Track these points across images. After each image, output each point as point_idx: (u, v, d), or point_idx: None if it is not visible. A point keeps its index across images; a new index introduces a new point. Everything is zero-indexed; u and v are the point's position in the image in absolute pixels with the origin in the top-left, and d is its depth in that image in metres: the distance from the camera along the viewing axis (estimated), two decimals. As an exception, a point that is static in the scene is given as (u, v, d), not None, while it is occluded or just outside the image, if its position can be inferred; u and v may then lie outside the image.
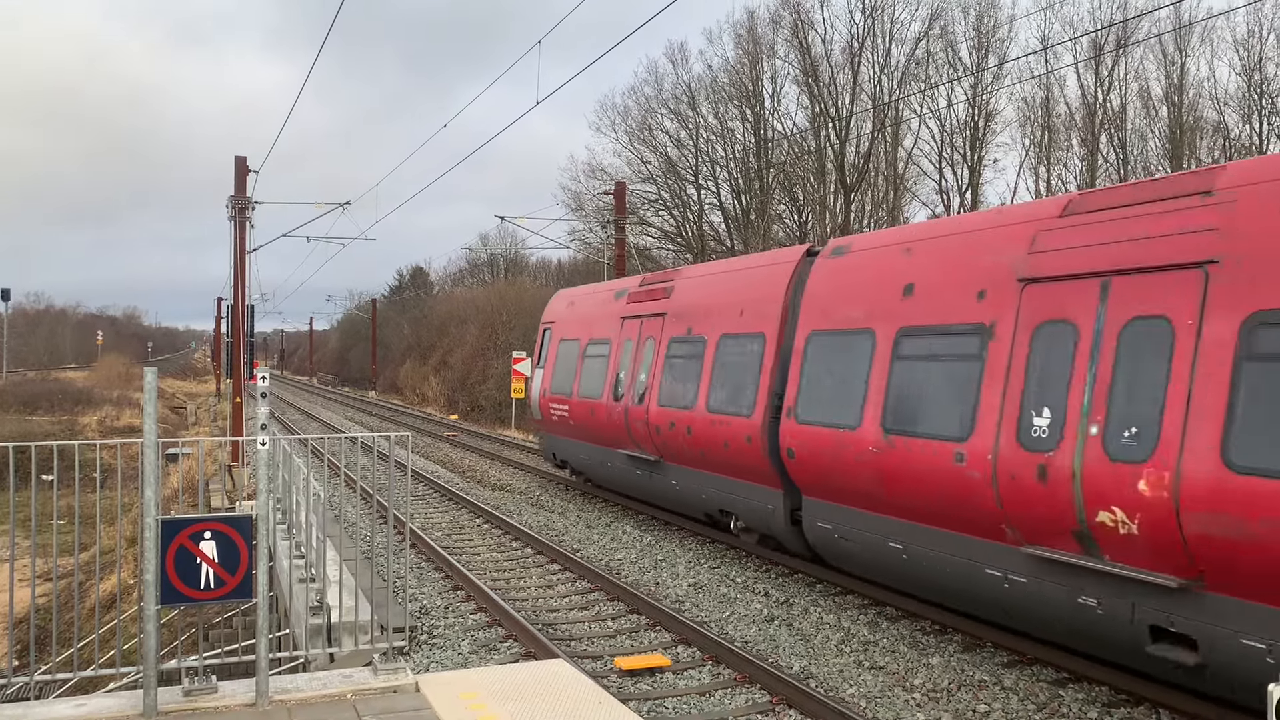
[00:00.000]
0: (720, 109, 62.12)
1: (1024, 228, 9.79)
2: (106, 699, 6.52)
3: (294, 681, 6.77)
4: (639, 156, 64.10)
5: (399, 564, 11.39)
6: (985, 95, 58.72)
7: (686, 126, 62.84)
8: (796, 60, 59.84)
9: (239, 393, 28.17)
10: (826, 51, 59.03)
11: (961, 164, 60.58)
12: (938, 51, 59.41)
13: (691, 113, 62.66)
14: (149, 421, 6.04)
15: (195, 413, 53.72)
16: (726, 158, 63.08)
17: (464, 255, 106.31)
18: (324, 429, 40.31)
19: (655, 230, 65.55)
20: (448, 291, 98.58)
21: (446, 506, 20.36)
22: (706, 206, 64.01)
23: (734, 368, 14.48)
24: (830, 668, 9.83)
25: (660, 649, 10.60)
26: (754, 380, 13.87)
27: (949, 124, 60.03)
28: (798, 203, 63.27)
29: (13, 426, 55.59)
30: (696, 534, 17.07)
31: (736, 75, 61.42)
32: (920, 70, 59.00)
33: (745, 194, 62.18)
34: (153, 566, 5.98)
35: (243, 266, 27.55)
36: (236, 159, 27.22)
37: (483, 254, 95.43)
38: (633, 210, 52.65)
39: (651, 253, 62.82)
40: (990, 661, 10.05)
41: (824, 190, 59.89)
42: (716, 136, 62.77)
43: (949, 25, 59.18)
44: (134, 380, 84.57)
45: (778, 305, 13.85)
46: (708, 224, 64.42)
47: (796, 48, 59.54)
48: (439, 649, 10.78)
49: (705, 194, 63.73)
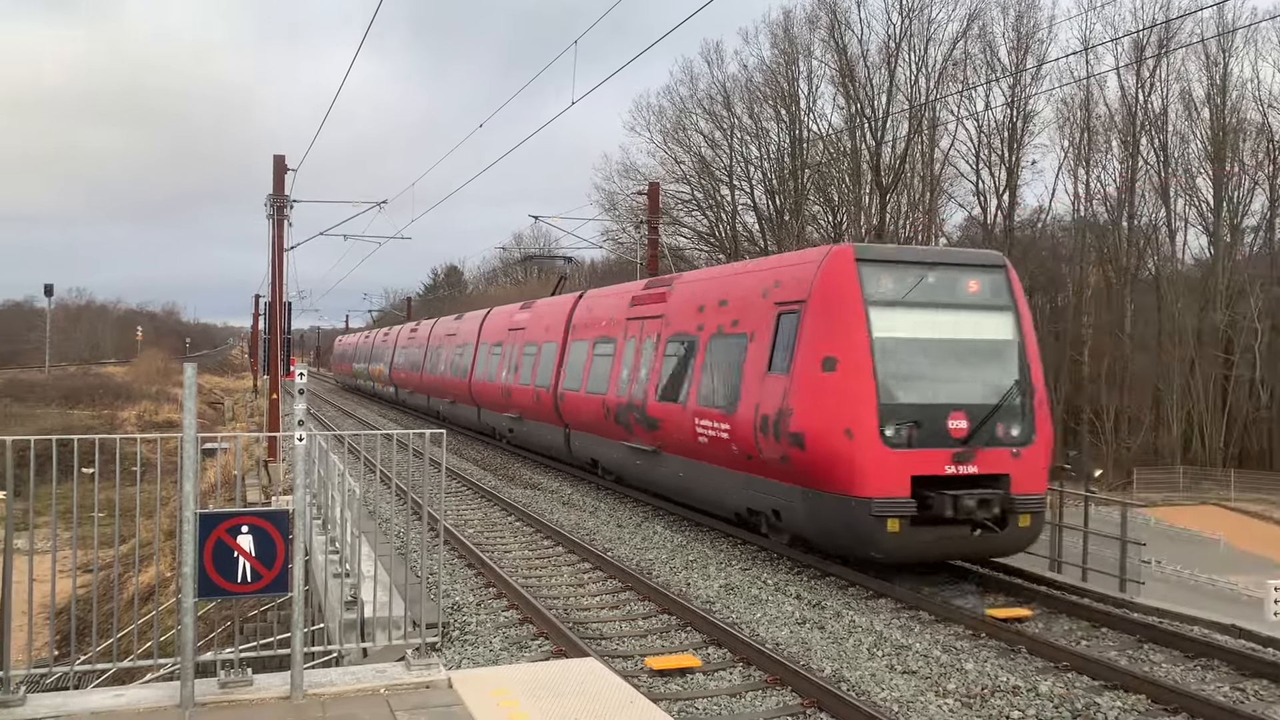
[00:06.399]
0: (755, 109, 62.04)
1: (631, 292, 21.56)
2: (144, 689, 6.60)
3: (328, 675, 6.81)
4: (673, 156, 64.15)
5: (433, 560, 11.45)
6: (1024, 96, 58.15)
7: (721, 126, 62.77)
8: (832, 60, 59.63)
9: (275, 389, 28.45)
10: (863, 51, 58.80)
11: (999, 165, 60.05)
12: (976, 52, 59.01)
13: (726, 113, 62.58)
14: (188, 416, 6.10)
15: (232, 408, 54.35)
16: (761, 158, 62.96)
17: (498, 254, 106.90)
18: (359, 426, 40.64)
19: (688, 230, 65.52)
20: (481, 290, 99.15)
21: (479, 504, 20.45)
22: (740, 207, 63.93)
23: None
24: (862, 671, 9.76)
25: (691, 649, 10.58)
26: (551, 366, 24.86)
27: (986, 125, 59.52)
28: (832, 203, 62.99)
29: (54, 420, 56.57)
30: (728, 535, 17.03)
31: (772, 75, 61.30)
32: (958, 71, 58.59)
33: (779, 194, 61.98)
34: (191, 560, 6.03)
35: (280, 264, 27.83)
36: (275, 158, 27.48)
37: (516, 253, 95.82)
38: (666, 210, 52.61)
39: (685, 253, 62.79)
40: (1026, 667, 9.95)
41: (859, 191, 59.57)
42: (751, 136, 62.67)
43: (988, 26, 58.73)
44: (172, 376, 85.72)
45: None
46: (741, 224, 64.32)
47: (833, 48, 59.33)
48: (471, 645, 10.82)
49: (739, 194, 63.65)
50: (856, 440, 12.65)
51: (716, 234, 64.83)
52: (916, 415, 12.86)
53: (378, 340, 56.73)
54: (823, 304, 13.55)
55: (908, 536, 12.51)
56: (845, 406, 12.87)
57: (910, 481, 12.62)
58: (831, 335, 13.31)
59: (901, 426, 12.75)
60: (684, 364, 17.23)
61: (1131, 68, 56.82)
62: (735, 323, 15.72)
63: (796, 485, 13.65)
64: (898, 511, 12.45)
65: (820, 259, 14.02)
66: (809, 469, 13.22)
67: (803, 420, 13.24)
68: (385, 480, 19.67)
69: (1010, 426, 13.27)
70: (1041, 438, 13.49)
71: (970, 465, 12.98)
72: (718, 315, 16.41)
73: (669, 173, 63.07)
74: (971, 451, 12.97)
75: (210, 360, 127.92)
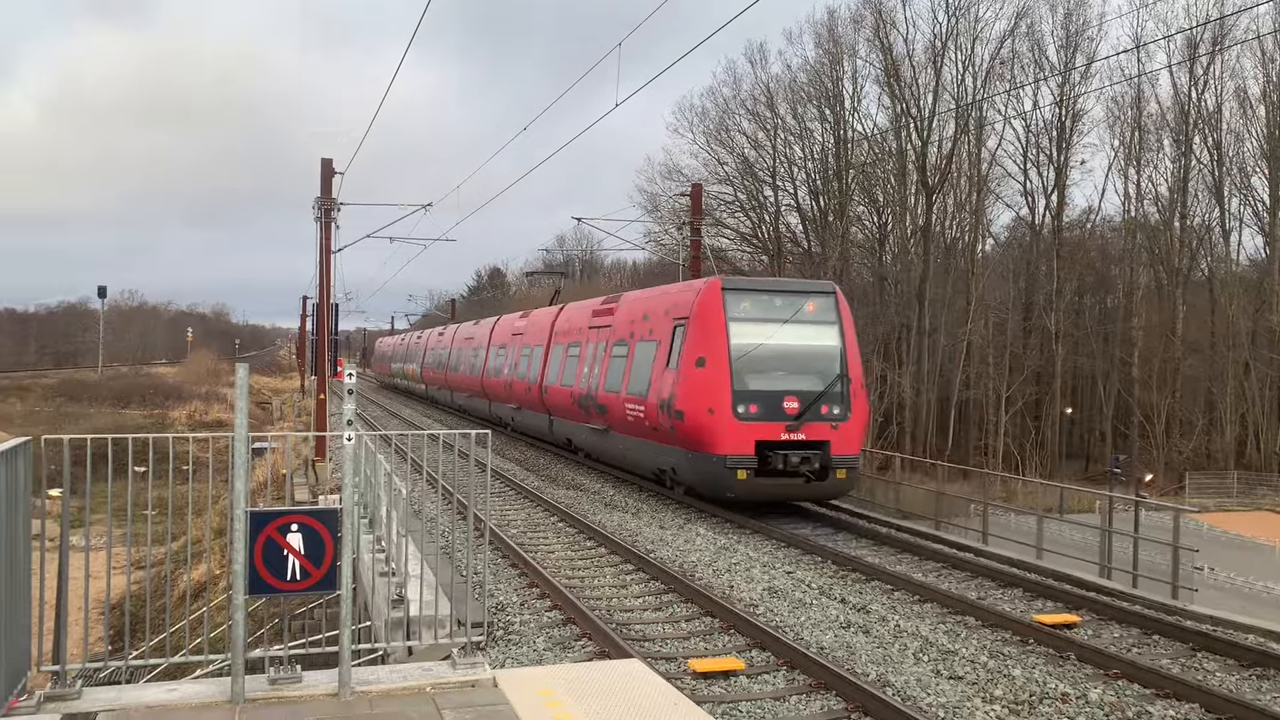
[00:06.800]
0: (799, 109, 61.68)
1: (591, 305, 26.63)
2: (196, 685, 6.70)
3: (375, 673, 6.88)
4: (716, 158, 63.95)
5: (477, 560, 11.53)
6: (1073, 95, 57.31)
7: (764, 127, 62.48)
8: (878, 60, 59.17)
9: (323, 389, 28.78)
10: (909, 51, 58.27)
11: (1048, 165, 59.22)
12: (1024, 51, 58.21)
13: (770, 113, 62.29)
14: (240, 416, 6.18)
15: (280, 408, 55.07)
16: (805, 158, 62.59)
17: (540, 256, 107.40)
18: (404, 426, 41.00)
19: (731, 232, 65.31)
20: (524, 292, 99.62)
21: (522, 504, 20.55)
22: (784, 208, 63.60)
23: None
24: (908, 676, 9.67)
25: (734, 652, 10.55)
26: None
27: (1034, 124, 58.71)
28: (877, 204, 62.49)
29: (107, 419, 57.70)
30: (771, 538, 16.97)
31: (816, 75, 60.92)
32: (1005, 70, 57.84)
33: (823, 195, 61.60)
34: (241, 557, 6.11)
35: (328, 266, 28.15)
36: (322, 161, 27.79)
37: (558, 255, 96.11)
38: (708, 212, 52.50)
39: (727, 254, 62.62)
40: (1075, 674, 9.80)
41: (904, 192, 59.07)
42: (795, 137, 62.33)
43: (1036, 24, 57.94)
44: (221, 376, 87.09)
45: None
46: (784, 225, 63.99)
47: (878, 47, 58.87)
48: (515, 645, 10.87)
49: (782, 195, 63.33)
50: (716, 415, 17.83)
51: (759, 235, 64.57)
52: (760, 399, 17.94)
53: (411, 342, 63.56)
54: (698, 320, 18.68)
55: (752, 483, 17.65)
56: (709, 392, 18.01)
57: (755, 445, 17.66)
58: (702, 342, 18.44)
59: (748, 406, 17.85)
60: (622, 362, 22.17)
61: (1184, 65, 55.78)
62: (650, 332, 20.83)
63: (682, 449, 18.80)
64: (744, 465, 17.60)
65: (700, 288, 19.28)
66: (687, 436, 18.41)
67: (682, 402, 18.45)
68: (429, 480, 19.84)
69: (831, 407, 18.25)
70: (855, 416, 18.51)
71: (799, 434, 17.99)
72: (643, 326, 21.50)
73: (712, 174, 62.93)
74: (800, 425, 18.00)
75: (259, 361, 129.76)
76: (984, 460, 51.24)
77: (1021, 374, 56.56)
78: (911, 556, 15.89)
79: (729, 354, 18.01)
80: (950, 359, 56.29)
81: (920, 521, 19.53)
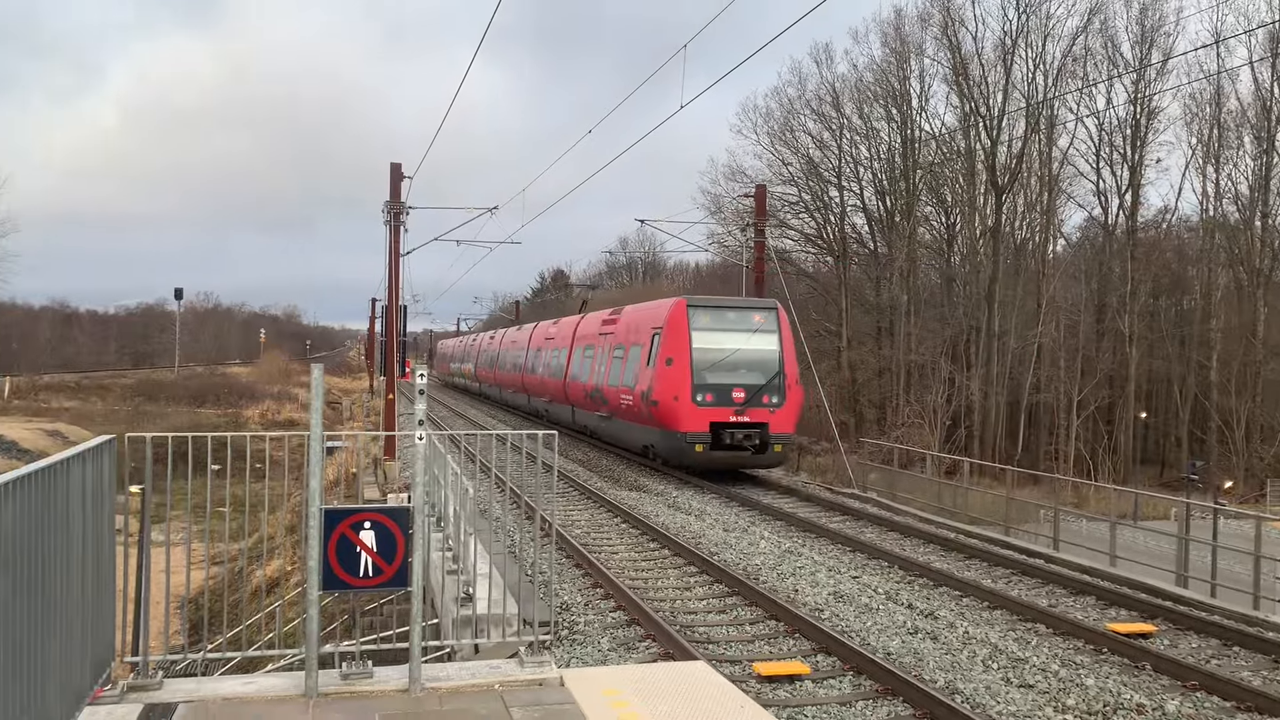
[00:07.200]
0: (865, 109, 60.96)
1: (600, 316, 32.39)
2: (271, 678, 6.86)
3: (445, 670, 6.97)
4: (780, 158, 63.46)
5: (543, 560, 11.59)
6: (1148, 92, 55.89)
7: (830, 127, 61.87)
8: (946, 58, 58.26)
9: (391, 390, 29.22)
10: (978, 49, 57.27)
11: (1121, 164, 57.83)
12: (1097, 47, 56.88)
13: (835, 113, 61.65)
14: (315, 415, 6.31)
15: (350, 408, 56.00)
16: (870, 158, 61.87)
17: (604, 258, 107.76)
18: (468, 425, 41.45)
19: (795, 233, 64.85)
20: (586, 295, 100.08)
21: (585, 505, 20.65)
22: (849, 208, 62.96)
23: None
24: (977, 684, 9.53)
25: (799, 657, 10.49)
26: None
27: (1108, 123, 57.38)
28: (945, 204, 61.57)
29: (183, 418, 59.20)
30: (836, 542, 16.84)
31: (883, 74, 60.17)
32: (1077, 67, 56.61)
33: (890, 195, 60.86)
34: (316, 554, 6.24)
35: (396, 269, 28.59)
36: (392, 165, 28.23)
37: (621, 257, 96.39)
38: (772, 213, 52.14)
39: (791, 255, 62.22)
40: (1151, 685, 9.57)
41: (973, 192, 58.11)
42: (861, 137, 61.64)
43: (1109, 19, 56.55)
44: (293, 376, 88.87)
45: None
46: (850, 226, 63.35)
47: (946, 45, 57.96)
48: (579, 645, 10.94)
49: (848, 195, 62.69)
50: (679, 402, 23.29)
51: (824, 236, 64.00)
52: (714, 389, 23.39)
53: (468, 345, 72.21)
54: (668, 330, 24.13)
55: (707, 455, 23.18)
56: (676, 384, 23.44)
57: (709, 425, 23.18)
58: (671, 346, 23.81)
59: (705, 395, 23.29)
60: (619, 362, 27.35)
61: (1266, 60, 54.05)
62: (638, 338, 26.10)
63: (657, 429, 24.33)
64: (701, 441, 23.10)
65: (671, 305, 24.88)
66: (660, 419, 23.91)
67: (656, 393, 23.86)
68: (497, 482, 20.04)
69: (770, 396, 23.74)
70: (789, 403, 23.93)
71: (745, 416, 23.43)
72: (634, 334, 26.72)
73: (776, 175, 62.49)
74: (745, 410, 23.43)
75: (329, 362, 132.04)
76: (1054, 465, 50.15)
77: (1094, 377, 55.29)
78: (980, 562, 15.65)
79: (691, 355, 23.49)
80: (1020, 362, 55.23)
81: (989, 527, 19.21)
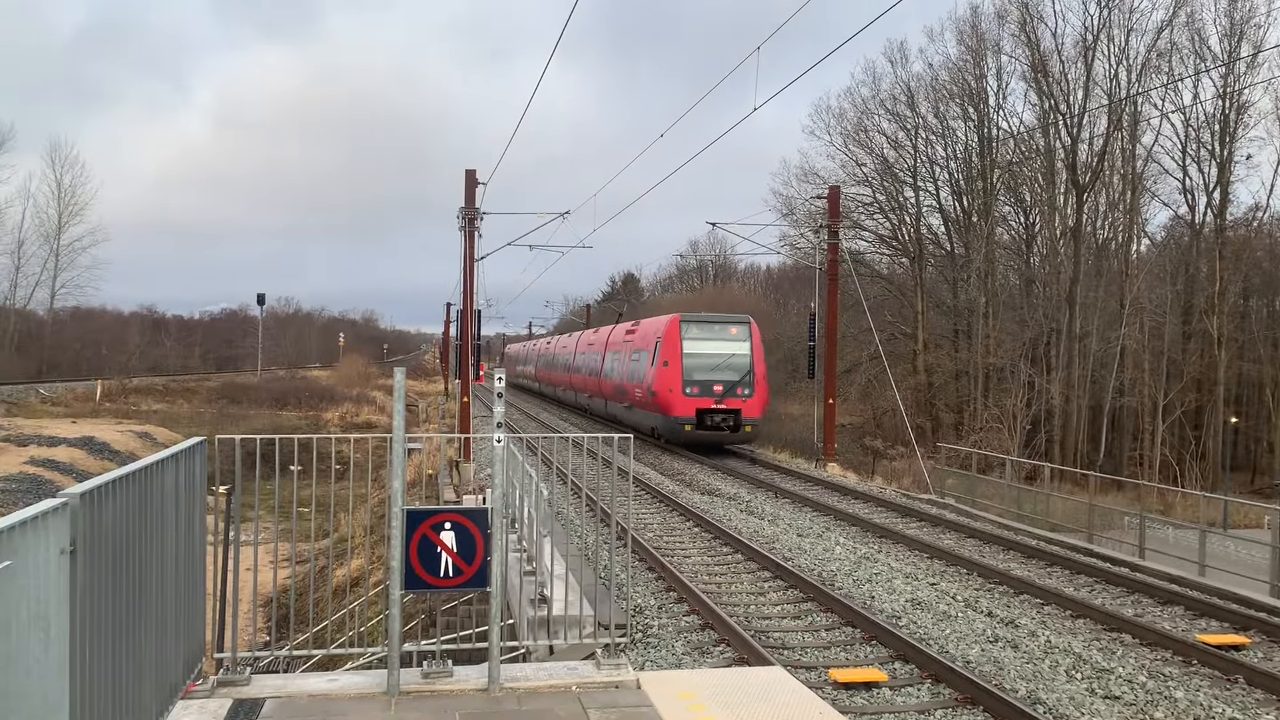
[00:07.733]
0: (941, 108, 60.04)
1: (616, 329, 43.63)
2: (354, 676, 7.01)
3: (522, 670, 7.04)
4: (854, 159, 62.80)
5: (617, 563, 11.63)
6: (1238, 87, 54.08)
7: (905, 127, 61.07)
8: (1024, 55, 57.08)
9: (466, 393, 29.60)
10: (1057, 45, 56.01)
11: (1209, 161, 56.04)
12: (1183, 41, 55.21)
13: (910, 113, 60.84)
14: (398, 418, 6.43)
15: (426, 410, 56.86)
16: (947, 158, 60.95)
17: (674, 262, 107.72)
18: (543, 429, 41.80)
19: (869, 234, 64.13)
20: (656, 298, 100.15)
21: (658, 508, 20.68)
22: (925, 209, 62.10)
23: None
24: (1060, 694, 9.32)
25: (876, 664, 10.38)
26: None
27: (1195, 118, 55.65)
28: (1024, 204, 60.36)
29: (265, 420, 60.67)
30: (913, 548, 16.62)
31: (959, 73, 59.19)
32: (1162, 62, 55.01)
33: (966, 195, 59.86)
34: (398, 554, 6.35)
35: (471, 274, 28.96)
36: (466, 172, 28.61)
37: (692, 260, 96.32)
38: (846, 214, 51.61)
39: (865, 257, 61.54)
40: (1244, 699, 9.27)
41: (1053, 191, 56.82)
42: (936, 136, 60.74)
43: (1196, 12, 54.84)
44: (370, 379, 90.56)
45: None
46: (925, 227, 62.45)
47: (1024, 42, 56.81)
48: (654, 648, 10.96)
49: (923, 196, 61.83)
50: (673, 394, 31.13)
51: (899, 237, 63.15)
52: (700, 384, 31.06)
53: (529, 349, 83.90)
54: (665, 339, 32.09)
55: (694, 433, 31.03)
56: (671, 380, 31.26)
57: (695, 410, 30.95)
58: (667, 352, 31.76)
59: (692, 388, 31.00)
60: (636, 364, 35.47)
61: (1365, 50, 51.89)
62: (646, 344, 34.20)
63: (658, 414, 32.12)
64: (689, 423, 31.00)
65: (668, 320, 33.35)
66: (659, 406, 31.76)
67: (657, 387, 31.79)
68: (572, 486, 20.17)
69: (743, 389, 31.35)
70: (757, 395, 31.73)
71: (723, 404, 31.13)
72: (645, 341, 34.84)
73: (849, 175, 61.82)
74: (723, 399, 31.09)
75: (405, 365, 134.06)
76: (1138, 471, 48.77)
77: (1180, 380, 53.62)
78: (1062, 569, 15.31)
79: (682, 358, 31.51)
80: (1102, 365, 53.82)
81: (1071, 534, 18.78)
